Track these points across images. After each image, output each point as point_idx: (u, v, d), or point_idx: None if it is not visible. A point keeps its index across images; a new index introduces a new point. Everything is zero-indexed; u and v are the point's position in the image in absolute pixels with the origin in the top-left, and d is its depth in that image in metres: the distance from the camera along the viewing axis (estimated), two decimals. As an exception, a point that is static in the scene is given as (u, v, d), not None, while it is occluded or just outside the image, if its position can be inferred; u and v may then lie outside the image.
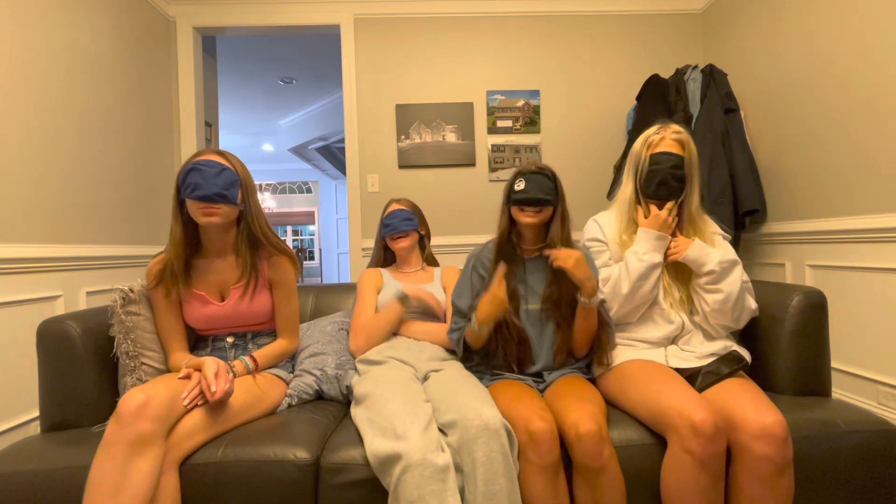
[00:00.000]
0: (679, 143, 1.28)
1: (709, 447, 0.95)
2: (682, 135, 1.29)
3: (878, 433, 1.09)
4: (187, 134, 2.78)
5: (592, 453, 0.98)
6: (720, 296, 1.21)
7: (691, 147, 1.29)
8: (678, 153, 1.27)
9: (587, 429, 0.98)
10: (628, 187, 1.35)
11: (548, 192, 1.26)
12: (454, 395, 1.12)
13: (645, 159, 1.29)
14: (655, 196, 1.29)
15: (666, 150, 1.27)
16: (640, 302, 1.27)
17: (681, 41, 2.91)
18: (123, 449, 0.91)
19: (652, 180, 1.27)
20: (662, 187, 1.27)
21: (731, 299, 1.20)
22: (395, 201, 1.65)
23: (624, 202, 1.36)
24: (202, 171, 1.17)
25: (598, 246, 1.38)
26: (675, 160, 1.26)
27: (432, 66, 2.85)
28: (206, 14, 2.78)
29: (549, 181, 1.27)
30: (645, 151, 1.30)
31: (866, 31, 1.84)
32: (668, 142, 1.28)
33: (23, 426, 1.69)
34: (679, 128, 1.30)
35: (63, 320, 1.21)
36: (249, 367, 1.26)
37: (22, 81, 1.75)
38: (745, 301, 1.23)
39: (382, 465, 0.98)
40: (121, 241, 2.27)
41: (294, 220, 9.31)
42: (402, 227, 1.55)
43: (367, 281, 1.55)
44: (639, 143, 1.33)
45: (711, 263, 1.22)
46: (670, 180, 1.26)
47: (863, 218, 1.87)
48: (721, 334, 1.26)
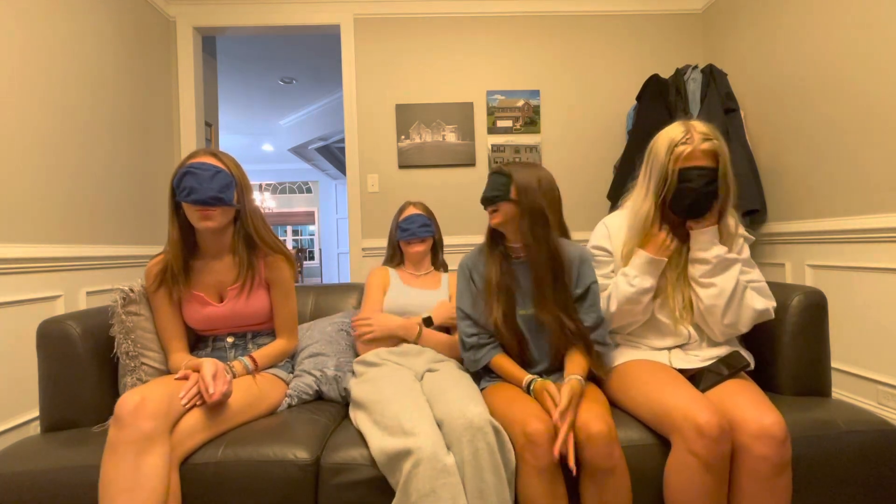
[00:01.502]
0: (713, 153, 1.12)
1: (714, 449, 0.94)
2: (713, 142, 1.12)
3: (878, 433, 1.09)
4: (187, 134, 2.78)
5: (603, 454, 0.97)
6: (713, 290, 1.17)
7: (724, 155, 1.14)
8: (713, 166, 1.12)
9: (597, 430, 0.97)
10: (648, 202, 1.19)
11: (497, 189, 1.23)
12: (443, 393, 1.13)
13: (672, 173, 1.13)
14: (687, 216, 1.18)
15: (699, 164, 1.12)
16: (632, 320, 1.25)
17: (681, 41, 2.91)
18: (129, 448, 0.91)
19: (683, 199, 1.14)
20: (695, 207, 1.14)
21: (724, 296, 1.15)
22: (412, 205, 1.64)
23: (640, 217, 1.21)
24: (197, 174, 1.17)
25: (602, 255, 1.31)
26: (708, 175, 1.11)
27: (432, 66, 2.85)
28: (206, 14, 2.78)
29: (502, 177, 1.24)
30: (672, 164, 1.13)
31: (866, 31, 1.84)
32: (699, 154, 1.12)
33: (23, 426, 1.69)
34: (707, 130, 1.14)
35: (63, 320, 1.21)
36: (249, 367, 1.26)
37: (22, 82, 1.75)
38: (743, 304, 1.17)
39: (392, 462, 0.98)
40: (121, 241, 2.27)
41: (294, 220, 9.31)
42: (420, 234, 1.56)
43: (375, 279, 1.56)
44: (662, 150, 1.15)
45: (711, 253, 1.17)
46: (703, 200, 1.13)
47: (863, 218, 1.87)
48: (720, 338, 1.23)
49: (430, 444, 0.96)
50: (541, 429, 1.00)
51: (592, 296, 1.24)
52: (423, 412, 1.05)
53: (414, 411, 1.04)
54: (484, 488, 0.97)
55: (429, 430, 0.99)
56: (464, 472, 0.97)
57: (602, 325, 1.23)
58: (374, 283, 1.55)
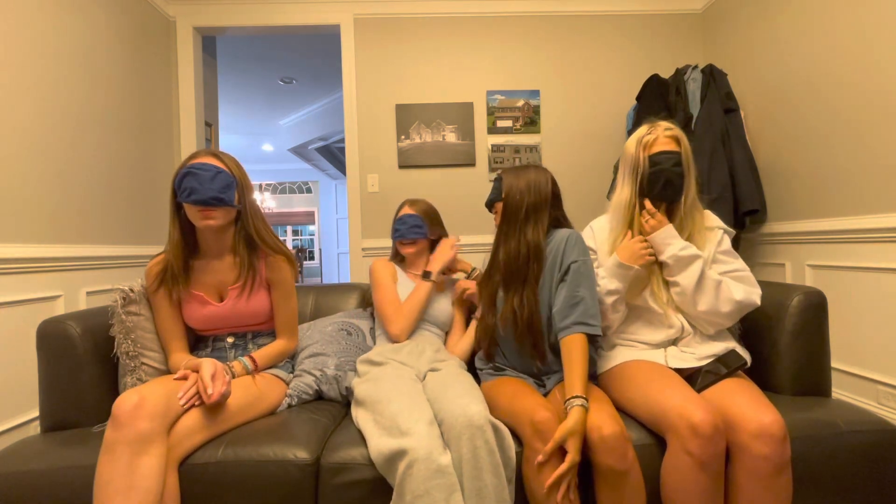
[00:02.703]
0: (674, 139, 1.27)
1: (708, 448, 0.95)
2: (674, 130, 1.28)
3: (878, 433, 1.09)
4: (187, 134, 2.78)
5: (618, 455, 0.97)
6: (677, 289, 1.22)
7: (685, 142, 1.28)
8: (676, 150, 1.26)
9: (610, 431, 0.97)
10: (626, 191, 1.31)
11: (494, 192, 1.36)
12: (444, 392, 1.13)
13: (644, 160, 1.27)
14: (662, 197, 1.26)
15: (664, 148, 1.25)
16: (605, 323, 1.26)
17: (681, 41, 2.91)
18: (126, 449, 0.91)
19: (657, 181, 1.25)
20: (669, 186, 1.24)
21: (687, 292, 1.20)
22: (409, 204, 1.59)
23: (620, 207, 1.32)
24: (198, 174, 1.17)
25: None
26: (675, 157, 1.25)
27: (432, 66, 2.85)
28: (206, 14, 2.78)
29: (498, 182, 1.35)
30: (642, 153, 1.27)
31: (866, 30, 1.84)
32: (663, 140, 1.26)
33: (23, 426, 1.69)
34: (669, 124, 1.30)
35: (63, 320, 1.21)
36: (249, 367, 1.26)
37: (22, 82, 1.75)
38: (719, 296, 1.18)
39: (388, 462, 0.98)
40: (121, 241, 2.27)
41: (294, 220, 9.31)
42: (409, 235, 1.53)
43: (384, 270, 1.54)
44: (632, 145, 1.31)
45: (665, 255, 1.23)
46: (675, 179, 1.24)
47: (863, 218, 1.87)
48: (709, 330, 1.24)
49: (424, 444, 0.96)
50: (549, 416, 1.00)
51: (573, 274, 1.20)
52: (422, 412, 1.05)
53: (412, 411, 1.04)
54: (482, 488, 0.96)
55: (424, 430, 0.99)
56: (462, 471, 0.97)
57: (581, 303, 1.16)
58: (384, 274, 1.53)
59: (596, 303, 1.18)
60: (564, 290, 1.19)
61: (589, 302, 1.16)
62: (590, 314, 1.15)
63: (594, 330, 1.15)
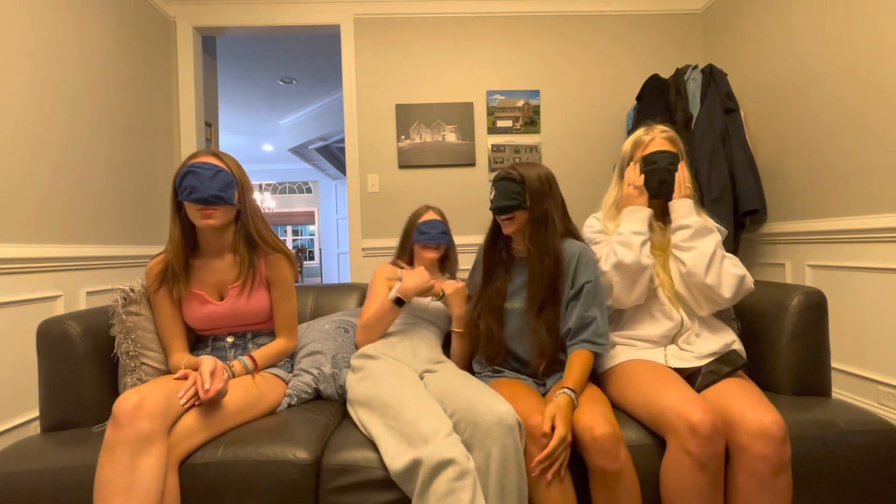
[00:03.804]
0: (670, 140, 1.32)
1: (707, 447, 0.95)
2: (670, 132, 1.33)
3: (878, 433, 1.09)
4: (187, 134, 2.78)
5: (610, 456, 0.97)
6: (695, 252, 1.22)
7: (680, 144, 1.34)
8: (672, 150, 1.30)
9: (602, 432, 0.98)
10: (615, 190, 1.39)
11: (511, 197, 1.24)
12: (459, 391, 1.11)
13: (639, 160, 1.31)
14: (658, 194, 1.30)
15: (659, 148, 1.30)
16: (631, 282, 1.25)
17: (681, 41, 2.91)
18: (126, 449, 0.91)
19: (653, 179, 1.29)
20: (664, 185, 1.29)
21: (704, 257, 1.21)
22: (431, 209, 1.61)
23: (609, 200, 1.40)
24: (198, 173, 1.18)
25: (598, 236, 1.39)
26: (670, 157, 1.29)
27: (432, 66, 2.85)
28: (206, 14, 2.78)
29: (514, 184, 1.24)
30: (639, 152, 1.32)
31: (866, 31, 1.84)
32: (659, 141, 1.31)
33: (23, 426, 1.69)
34: (665, 126, 1.34)
35: (63, 320, 1.21)
36: (248, 366, 1.26)
37: (22, 82, 1.75)
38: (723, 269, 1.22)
39: (409, 471, 0.96)
40: (121, 241, 2.27)
41: (294, 220, 9.31)
42: (440, 240, 1.54)
43: (380, 278, 1.53)
44: (628, 147, 1.36)
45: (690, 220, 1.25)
46: (671, 177, 1.29)
47: (863, 218, 1.87)
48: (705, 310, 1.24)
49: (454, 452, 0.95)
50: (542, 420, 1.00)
51: (586, 295, 1.22)
52: (441, 419, 1.03)
53: (431, 418, 1.02)
54: (506, 486, 0.96)
55: (451, 439, 0.98)
56: (489, 469, 0.96)
57: (593, 322, 1.19)
58: (379, 283, 1.52)
59: (606, 321, 1.22)
60: (577, 310, 1.22)
61: (599, 321, 1.20)
62: (599, 333, 1.20)
63: (600, 349, 1.20)
